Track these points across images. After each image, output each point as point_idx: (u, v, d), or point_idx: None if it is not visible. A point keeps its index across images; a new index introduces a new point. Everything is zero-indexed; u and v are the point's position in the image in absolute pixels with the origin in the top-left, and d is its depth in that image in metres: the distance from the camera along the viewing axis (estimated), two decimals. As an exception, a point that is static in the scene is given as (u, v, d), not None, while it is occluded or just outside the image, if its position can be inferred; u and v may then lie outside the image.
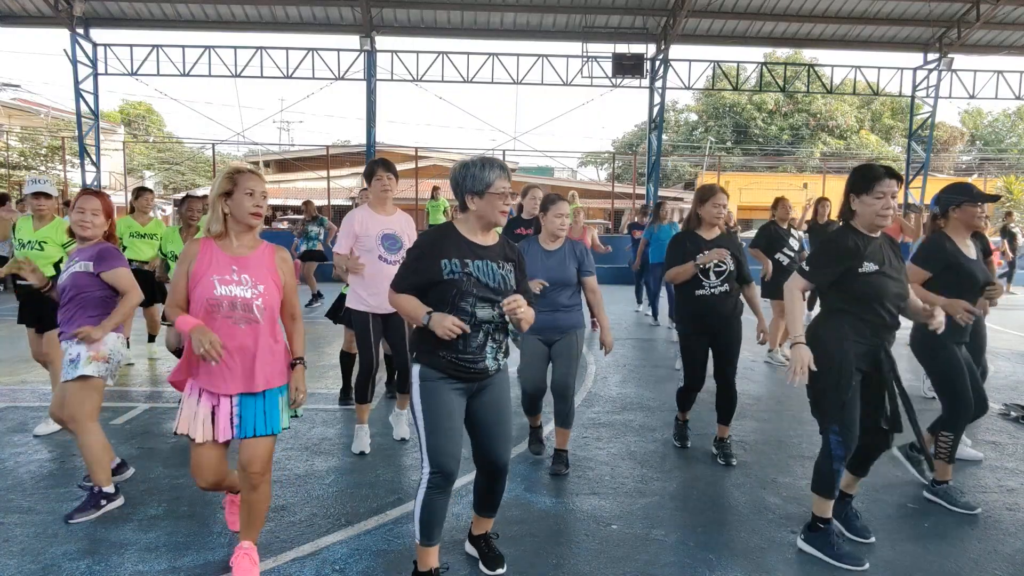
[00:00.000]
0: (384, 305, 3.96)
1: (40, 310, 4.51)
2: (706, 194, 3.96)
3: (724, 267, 3.89)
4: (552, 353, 3.81)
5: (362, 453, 4.05)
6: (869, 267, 2.78)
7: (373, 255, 3.94)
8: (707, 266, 3.87)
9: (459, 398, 2.50)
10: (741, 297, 4.03)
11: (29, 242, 4.57)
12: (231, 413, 2.53)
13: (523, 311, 2.37)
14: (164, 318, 2.77)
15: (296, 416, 2.73)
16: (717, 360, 3.99)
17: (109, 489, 3.23)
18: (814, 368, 2.71)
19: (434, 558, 2.57)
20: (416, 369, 2.50)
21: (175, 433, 2.57)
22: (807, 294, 3.05)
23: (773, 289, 7.10)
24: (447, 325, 2.32)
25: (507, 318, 2.46)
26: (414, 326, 2.52)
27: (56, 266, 4.68)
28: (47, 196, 4.54)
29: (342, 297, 4.96)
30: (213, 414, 2.53)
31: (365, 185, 4.27)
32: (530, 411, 4.05)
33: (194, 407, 2.54)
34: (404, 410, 4.28)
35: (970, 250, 3.54)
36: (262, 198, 2.56)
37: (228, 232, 2.57)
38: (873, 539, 3.03)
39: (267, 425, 2.56)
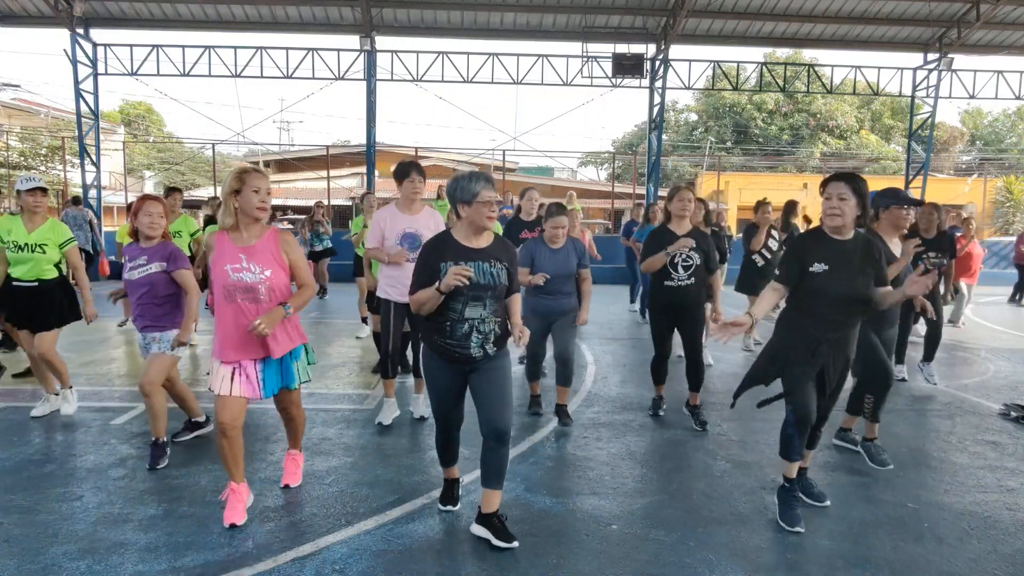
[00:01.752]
0: (403, 296, 4.32)
1: (33, 311, 4.49)
2: (673, 193, 4.62)
3: (691, 262, 4.48)
4: (553, 329, 4.65)
5: (380, 424, 4.52)
6: (818, 267, 3.02)
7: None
8: (676, 260, 4.45)
9: (454, 373, 2.96)
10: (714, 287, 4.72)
11: (27, 245, 4.40)
12: (256, 375, 3.05)
13: (525, 340, 2.91)
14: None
15: (307, 381, 3.27)
16: (684, 340, 4.63)
17: (164, 439, 3.87)
18: (734, 329, 3.00)
19: (454, 472, 3.30)
20: (423, 347, 3.05)
21: (209, 389, 3.08)
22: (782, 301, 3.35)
23: (747, 286, 7.29)
24: (450, 279, 2.68)
25: (498, 317, 2.94)
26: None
27: (57, 267, 4.63)
28: (44, 192, 4.45)
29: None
30: (233, 374, 3.01)
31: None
32: (531, 376, 4.90)
33: (219, 369, 3.03)
34: (420, 393, 4.73)
35: (896, 248, 4.05)
36: (266, 194, 3.02)
37: (238, 224, 3.02)
38: (828, 503, 3.39)
39: (284, 381, 3.16)
